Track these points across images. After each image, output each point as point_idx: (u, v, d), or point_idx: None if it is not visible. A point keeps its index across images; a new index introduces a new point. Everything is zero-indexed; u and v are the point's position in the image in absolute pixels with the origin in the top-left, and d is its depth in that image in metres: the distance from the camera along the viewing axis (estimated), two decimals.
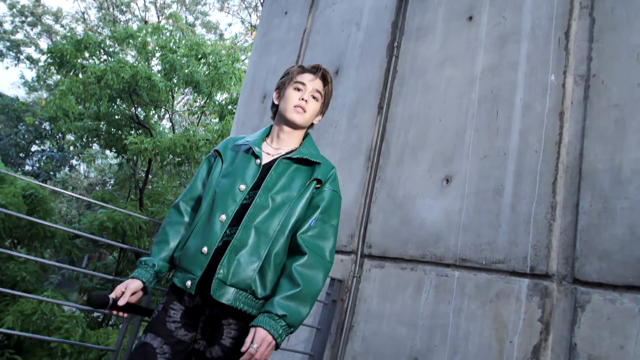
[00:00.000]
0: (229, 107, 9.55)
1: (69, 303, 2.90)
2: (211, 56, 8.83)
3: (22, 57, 19.86)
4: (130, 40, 9.35)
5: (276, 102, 1.87)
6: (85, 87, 8.04)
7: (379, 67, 3.26)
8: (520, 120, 2.18)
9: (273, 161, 1.75)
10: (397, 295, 2.44)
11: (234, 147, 1.85)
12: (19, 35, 19.86)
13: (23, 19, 19.61)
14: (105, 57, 9.49)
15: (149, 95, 8.53)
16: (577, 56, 2.06)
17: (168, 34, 9.51)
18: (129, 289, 1.59)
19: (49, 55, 8.44)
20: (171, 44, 9.04)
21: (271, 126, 1.90)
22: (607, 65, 1.93)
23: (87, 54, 9.18)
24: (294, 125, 1.78)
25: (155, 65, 10.23)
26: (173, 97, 9.53)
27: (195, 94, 9.94)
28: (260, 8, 18.72)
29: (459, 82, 2.60)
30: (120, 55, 10.29)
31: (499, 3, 2.57)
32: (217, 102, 9.67)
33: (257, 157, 1.76)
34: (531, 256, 1.91)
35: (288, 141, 1.80)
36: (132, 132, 9.60)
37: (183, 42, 9.52)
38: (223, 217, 1.66)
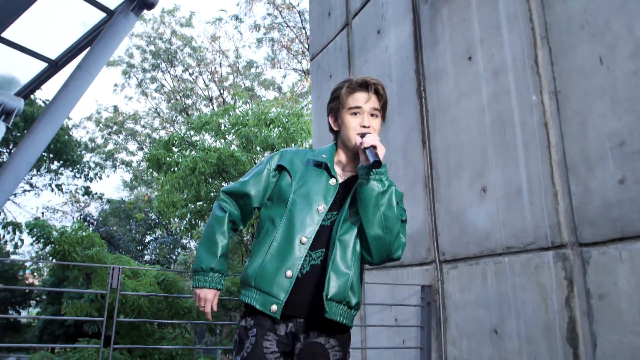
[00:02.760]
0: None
1: None
2: (277, 120, 10.01)
3: (117, 163, 22.46)
4: (207, 126, 10.76)
5: (335, 129, 1.88)
6: (184, 180, 9.47)
7: (414, 109, 4.07)
8: (521, 134, 2.91)
9: (346, 181, 1.83)
10: (471, 286, 3.19)
11: (301, 160, 1.87)
12: (110, 146, 22.52)
13: (109, 130, 22.26)
14: (189, 147, 10.97)
15: (235, 169, 9.81)
16: (546, 78, 2.78)
17: (237, 111, 10.88)
18: (210, 303, 1.78)
19: (147, 162, 10.00)
20: (241, 119, 10.34)
21: (335, 144, 1.92)
22: (565, 82, 2.64)
23: (175, 149, 10.67)
24: None
25: (233, 140, 11.58)
26: (255, 163, 10.78)
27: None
28: (307, 53, 20.00)
29: (474, 112, 3.35)
30: (199, 139, 11.79)
31: (487, 43, 3.32)
32: None
33: (332, 176, 1.80)
34: (549, 234, 2.62)
35: (356, 161, 1.84)
36: None
37: (250, 113, 10.80)
38: (304, 239, 1.69)
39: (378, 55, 4.76)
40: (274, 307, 1.64)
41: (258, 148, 10.26)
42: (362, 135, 1.74)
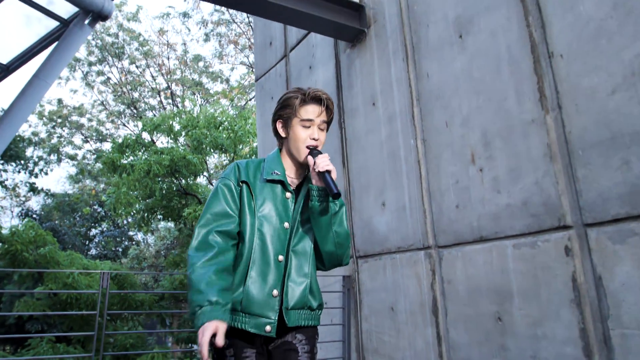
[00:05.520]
0: (253, 157, 11.83)
1: (176, 349, 5.13)
2: (226, 122, 11.08)
3: (62, 157, 22.80)
4: (159, 128, 11.70)
5: (282, 135, 1.96)
6: (139, 182, 10.44)
7: (337, 136, 5.28)
8: (405, 167, 4.17)
9: (296, 189, 1.95)
10: (376, 276, 4.46)
11: (256, 176, 1.91)
12: (54, 140, 22.81)
13: (53, 124, 22.55)
14: (142, 148, 11.90)
15: (187, 170, 10.84)
16: (419, 129, 4.04)
17: (186, 114, 11.88)
18: (220, 333, 1.58)
19: (103, 165, 10.89)
20: (191, 122, 11.35)
21: (278, 151, 2.00)
22: (429, 135, 3.91)
23: (128, 151, 11.57)
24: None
25: (184, 141, 12.56)
26: (206, 163, 11.82)
27: (223, 154, 12.24)
28: (253, 48, 20.94)
29: (376, 145, 4.60)
30: (151, 140, 12.70)
31: (384, 95, 4.55)
32: (241, 156, 12.00)
33: (288, 191, 1.91)
34: (422, 239, 3.91)
35: (303, 168, 1.97)
36: (182, 201, 11.96)
37: (201, 117, 11.81)
38: (281, 257, 1.79)
39: (310, 86, 5.93)
40: (268, 328, 1.72)
41: (208, 148, 11.31)
42: (312, 151, 1.89)
